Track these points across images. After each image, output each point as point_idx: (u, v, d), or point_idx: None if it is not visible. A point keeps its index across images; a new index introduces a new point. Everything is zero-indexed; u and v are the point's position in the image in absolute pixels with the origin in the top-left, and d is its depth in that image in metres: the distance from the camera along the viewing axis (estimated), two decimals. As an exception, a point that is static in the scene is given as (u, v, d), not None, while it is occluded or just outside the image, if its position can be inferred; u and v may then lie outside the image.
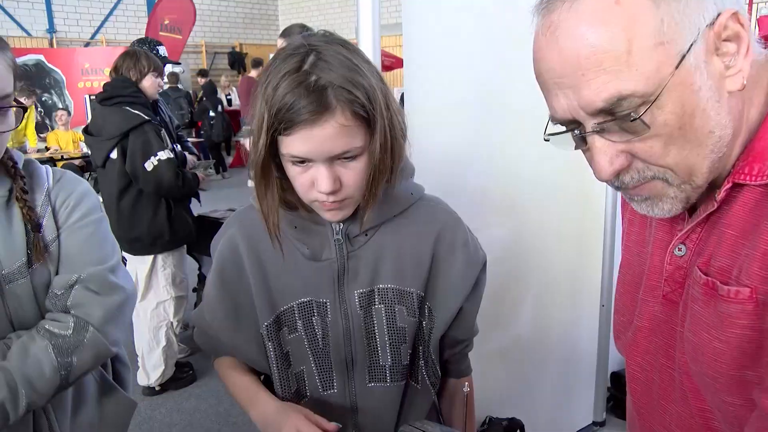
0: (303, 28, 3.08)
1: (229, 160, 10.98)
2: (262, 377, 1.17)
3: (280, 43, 3.06)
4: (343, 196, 0.97)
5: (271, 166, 0.98)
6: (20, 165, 1.16)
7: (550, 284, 2.39)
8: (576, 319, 2.53)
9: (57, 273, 1.16)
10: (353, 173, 0.96)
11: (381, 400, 1.10)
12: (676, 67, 0.61)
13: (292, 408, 1.02)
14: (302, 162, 0.94)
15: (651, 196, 0.70)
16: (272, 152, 0.96)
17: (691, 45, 0.61)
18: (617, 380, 2.85)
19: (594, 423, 2.72)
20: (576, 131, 0.68)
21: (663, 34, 0.61)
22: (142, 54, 3.12)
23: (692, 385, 0.74)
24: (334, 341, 1.07)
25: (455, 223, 1.12)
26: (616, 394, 2.85)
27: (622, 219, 0.94)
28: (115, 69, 3.08)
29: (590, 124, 0.66)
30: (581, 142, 0.69)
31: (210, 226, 3.56)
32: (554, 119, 0.70)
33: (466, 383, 1.01)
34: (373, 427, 1.11)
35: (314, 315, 1.07)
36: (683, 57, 0.61)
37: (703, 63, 0.62)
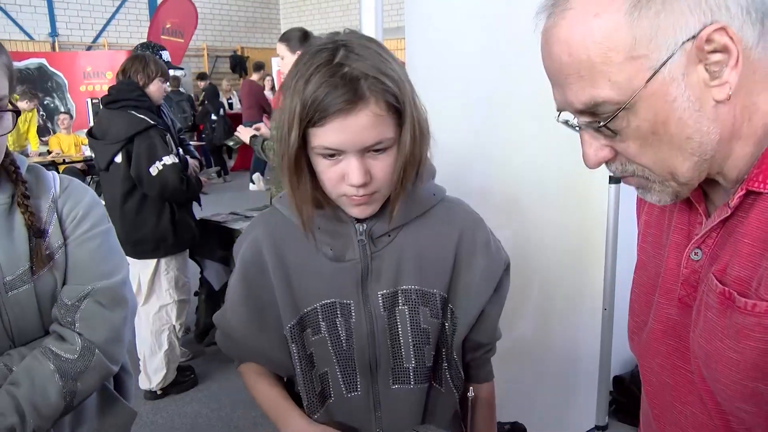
0: (302, 32, 3.08)
1: (230, 163, 10.99)
2: (284, 380, 1.17)
3: (280, 47, 3.06)
4: (373, 190, 0.98)
5: (303, 159, 0.98)
6: (23, 170, 1.15)
7: (552, 287, 2.39)
8: (578, 322, 2.52)
9: (64, 282, 1.15)
10: (383, 165, 0.96)
11: (404, 402, 1.09)
12: (648, 80, 0.65)
13: None
14: (333, 155, 0.95)
15: (639, 186, 0.75)
16: (302, 147, 0.96)
17: (666, 60, 0.64)
18: (620, 384, 2.84)
19: (596, 427, 2.71)
20: (569, 121, 0.75)
21: (635, 50, 0.64)
22: (151, 59, 3.13)
23: (707, 387, 0.75)
24: (358, 343, 1.06)
25: (476, 223, 1.13)
26: (618, 398, 2.85)
27: (638, 221, 0.94)
28: (123, 71, 3.10)
29: (577, 120, 0.72)
30: (573, 129, 0.74)
31: (212, 229, 3.57)
32: (556, 107, 0.75)
33: (471, 388, 1.00)
34: (397, 429, 1.10)
35: (338, 316, 1.07)
36: (656, 72, 0.65)
37: (681, 75, 0.65)
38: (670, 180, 0.71)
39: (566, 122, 0.74)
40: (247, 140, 3.18)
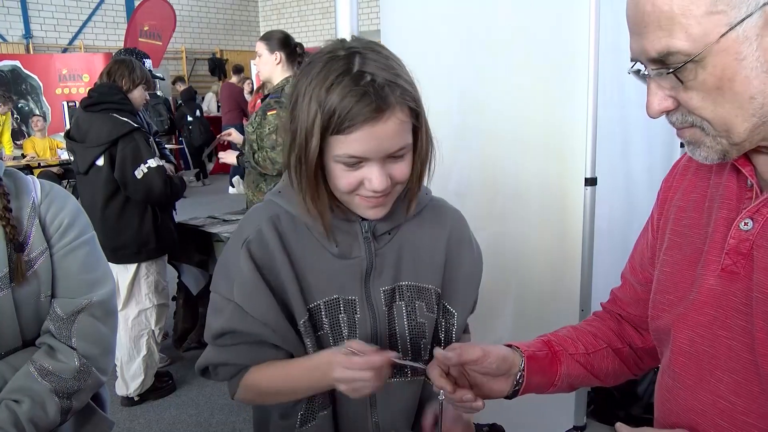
0: (284, 35, 3.09)
1: (210, 166, 10.90)
2: None
3: (259, 45, 3.06)
4: (390, 190, 1.00)
5: (320, 167, 0.98)
6: (0, 173, 1.13)
7: (529, 288, 2.40)
8: (555, 323, 2.54)
9: (53, 293, 1.14)
10: (402, 168, 0.99)
11: (401, 395, 1.11)
12: (722, 36, 0.68)
13: (335, 355, 0.99)
14: (354, 163, 0.95)
15: (692, 141, 0.78)
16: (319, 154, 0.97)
17: (744, 19, 0.67)
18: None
19: (575, 427, 2.74)
20: (640, 71, 0.78)
21: (715, 5, 0.68)
22: (137, 65, 3.15)
23: (766, 350, 0.77)
24: (362, 339, 1.06)
25: (462, 221, 1.19)
26: (596, 398, 2.88)
27: (664, 206, 0.97)
28: (108, 74, 3.09)
29: (648, 68, 0.76)
30: (643, 80, 0.78)
31: (190, 233, 3.54)
32: (631, 57, 0.79)
33: (441, 391, 1.00)
34: (393, 422, 1.12)
35: (341, 312, 1.08)
36: (731, 28, 0.68)
37: (755, 36, 0.68)
38: (724, 138, 0.74)
39: (637, 72, 0.78)
40: (235, 163, 3.22)
